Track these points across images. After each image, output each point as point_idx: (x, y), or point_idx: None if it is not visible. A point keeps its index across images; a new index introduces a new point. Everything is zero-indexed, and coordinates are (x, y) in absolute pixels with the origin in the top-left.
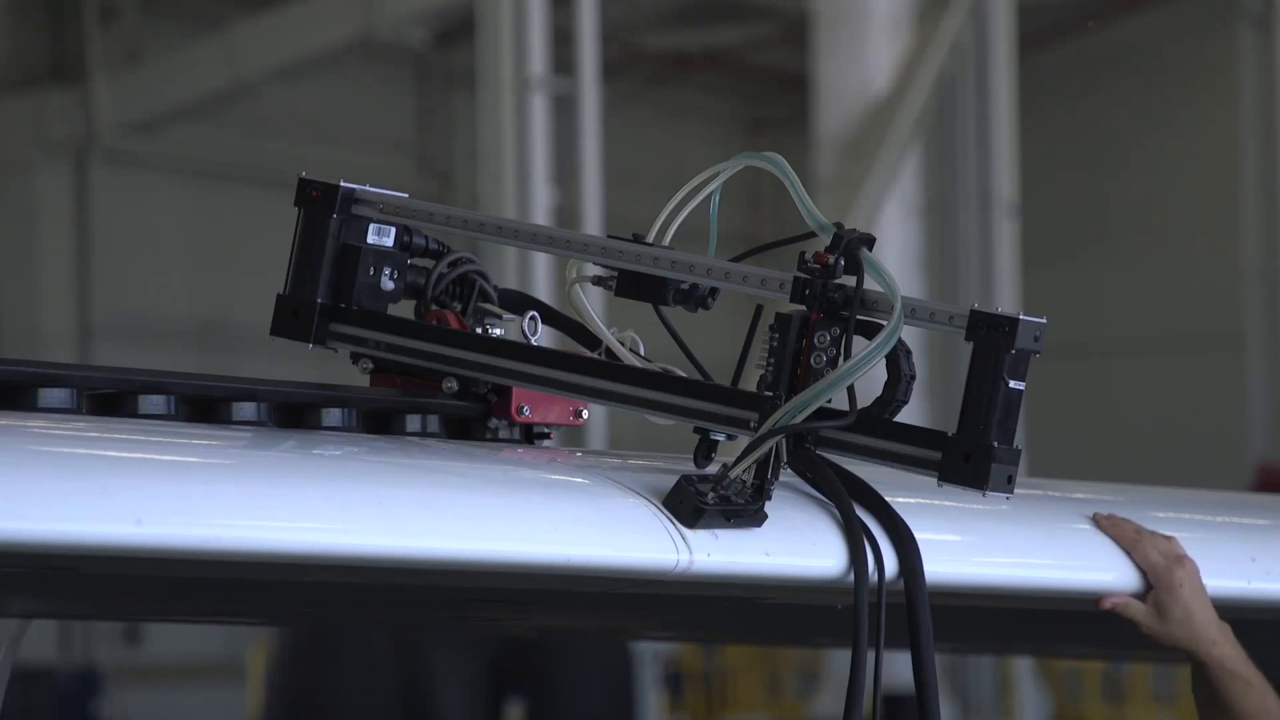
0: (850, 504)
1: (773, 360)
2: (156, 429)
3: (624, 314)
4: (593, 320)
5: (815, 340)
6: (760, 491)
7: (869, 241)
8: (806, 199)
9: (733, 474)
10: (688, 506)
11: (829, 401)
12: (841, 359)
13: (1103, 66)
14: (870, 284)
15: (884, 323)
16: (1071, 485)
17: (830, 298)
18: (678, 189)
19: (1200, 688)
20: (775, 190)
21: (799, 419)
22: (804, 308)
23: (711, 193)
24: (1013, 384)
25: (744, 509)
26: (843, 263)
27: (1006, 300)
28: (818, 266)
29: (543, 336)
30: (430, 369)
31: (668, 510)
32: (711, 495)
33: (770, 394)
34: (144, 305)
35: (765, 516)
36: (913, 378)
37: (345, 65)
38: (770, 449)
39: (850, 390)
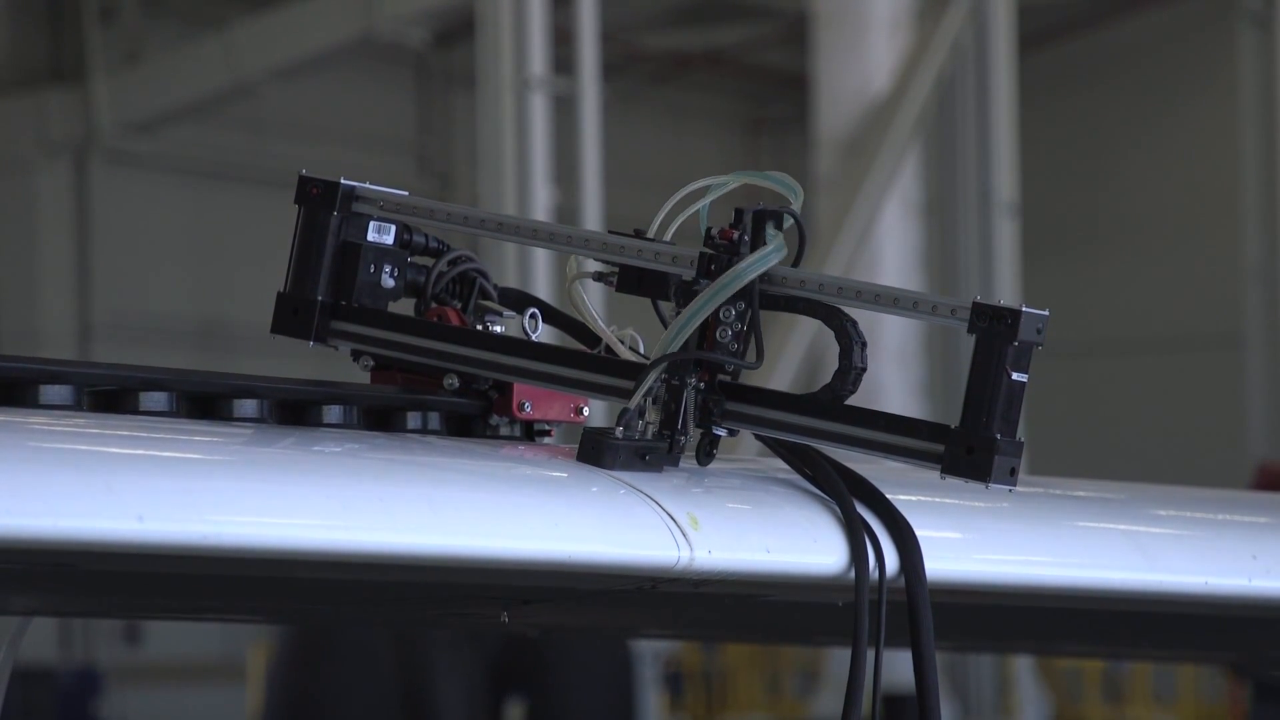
0: (851, 501)
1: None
2: (157, 425)
3: (625, 311)
4: (592, 317)
5: (720, 315)
6: (671, 429)
7: (776, 217)
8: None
9: (631, 406)
10: (598, 450)
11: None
12: (744, 328)
13: (1103, 66)
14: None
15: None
16: (1073, 483)
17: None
18: (678, 189)
19: None
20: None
21: (676, 347)
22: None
23: (709, 198)
24: (1015, 376)
25: (654, 447)
26: (748, 239)
27: (1006, 299)
28: (724, 243)
29: (543, 336)
30: (431, 366)
31: (583, 461)
32: (619, 433)
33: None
34: (144, 305)
35: (679, 456)
36: (864, 343)
37: (345, 65)
38: (656, 378)
39: (758, 337)
